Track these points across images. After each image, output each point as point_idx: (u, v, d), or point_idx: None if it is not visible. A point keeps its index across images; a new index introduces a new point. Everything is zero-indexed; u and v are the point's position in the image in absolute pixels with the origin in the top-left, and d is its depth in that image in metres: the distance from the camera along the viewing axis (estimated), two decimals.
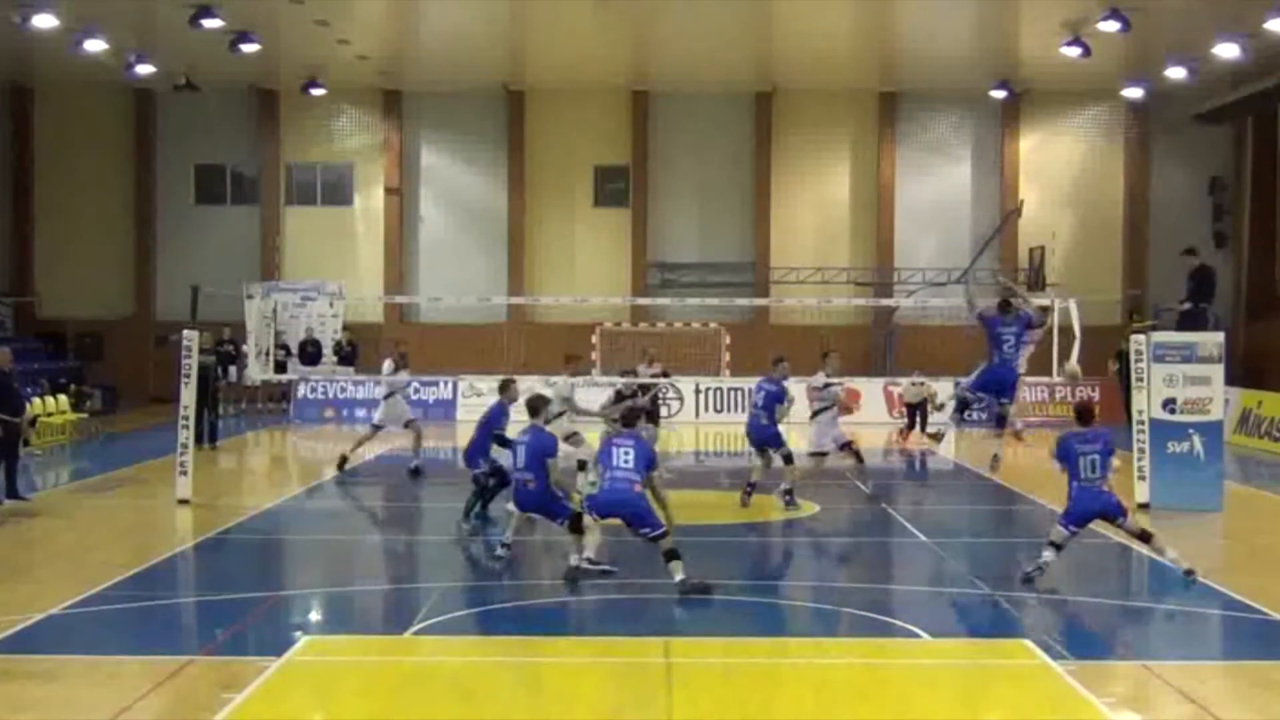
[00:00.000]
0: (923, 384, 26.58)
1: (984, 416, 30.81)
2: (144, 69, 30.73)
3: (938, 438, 18.70)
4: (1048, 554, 12.16)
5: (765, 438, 17.01)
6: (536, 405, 13.26)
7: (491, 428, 15.29)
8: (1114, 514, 12.45)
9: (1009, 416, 15.82)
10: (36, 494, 18.12)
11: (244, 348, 25.30)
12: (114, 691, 8.68)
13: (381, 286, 34.61)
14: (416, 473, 19.56)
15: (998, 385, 15.60)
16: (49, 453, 23.18)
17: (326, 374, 31.49)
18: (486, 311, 33.23)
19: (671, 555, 11.66)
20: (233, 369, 30.08)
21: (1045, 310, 17.00)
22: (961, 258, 34.59)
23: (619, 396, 19.31)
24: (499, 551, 13.15)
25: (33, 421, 20.12)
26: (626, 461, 12.03)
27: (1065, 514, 12.38)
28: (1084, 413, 13.05)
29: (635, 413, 13.25)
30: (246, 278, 32.56)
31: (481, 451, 15.40)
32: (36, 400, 23.88)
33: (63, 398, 25.74)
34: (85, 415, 26.28)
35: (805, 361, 18.86)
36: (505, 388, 15.70)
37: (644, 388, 20.84)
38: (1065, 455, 12.40)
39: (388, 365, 20.19)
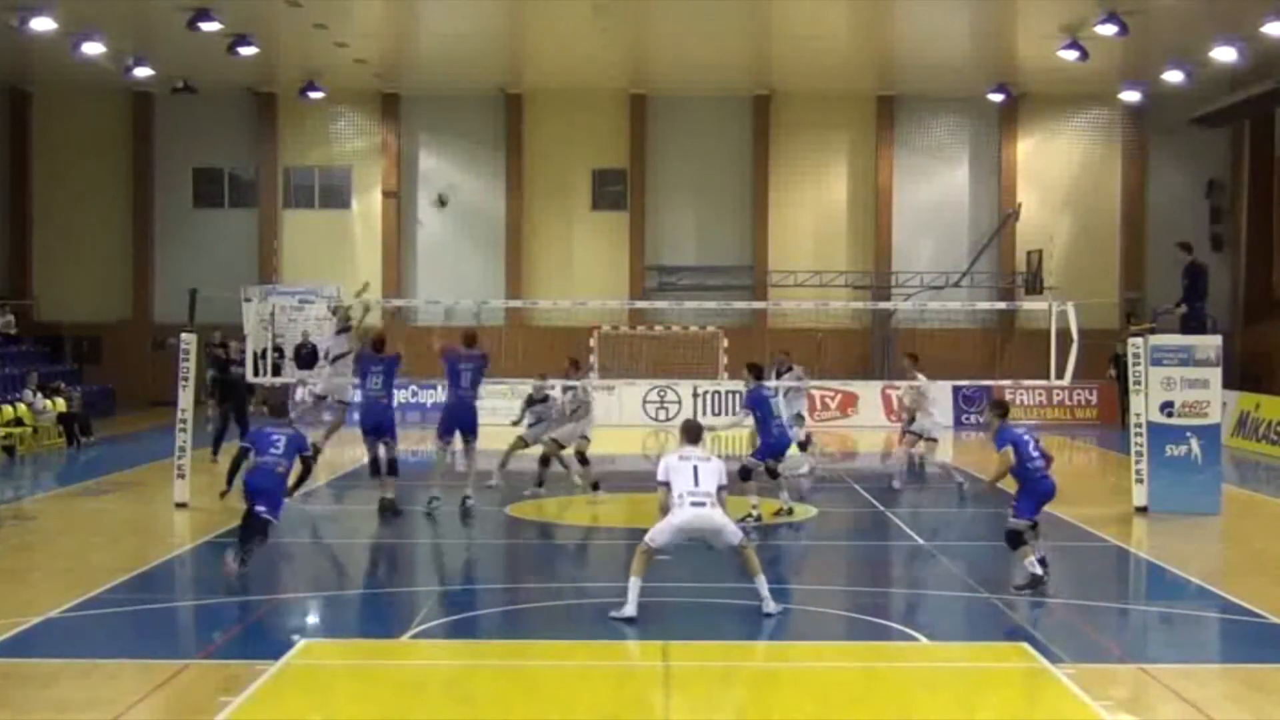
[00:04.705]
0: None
1: (981, 419, 31.06)
2: (142, 72, 30.76)
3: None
4: (1031, 560, 12.02)
5: (786, 445, 16.59)
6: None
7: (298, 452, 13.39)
8: (1052, 495, 12.59)
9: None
10: (33, 497, 18.11)
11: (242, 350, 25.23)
12: (111, 695, 8.67)
13: (379, 289, 34.55)
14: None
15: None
16: (46, 455, 23.18)
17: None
18: (484, 314, 33.21)
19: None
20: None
21: None
22: (959, 261, 34.66)
23: (530, 401, 19.58)
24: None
25: None
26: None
27: (1020, 506, 12.33)
28: (1004, 405, 13.12)
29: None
30: (244, 281, 32.54)
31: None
32: (7, 407, 23.87)
33: (59, 400, 25.70)
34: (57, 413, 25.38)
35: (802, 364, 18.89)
36: (280, 410, 14.90)
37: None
38: (1016, 443, 12.35)
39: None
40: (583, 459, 18.12)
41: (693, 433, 11.70)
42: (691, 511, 11.00)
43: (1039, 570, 11.98)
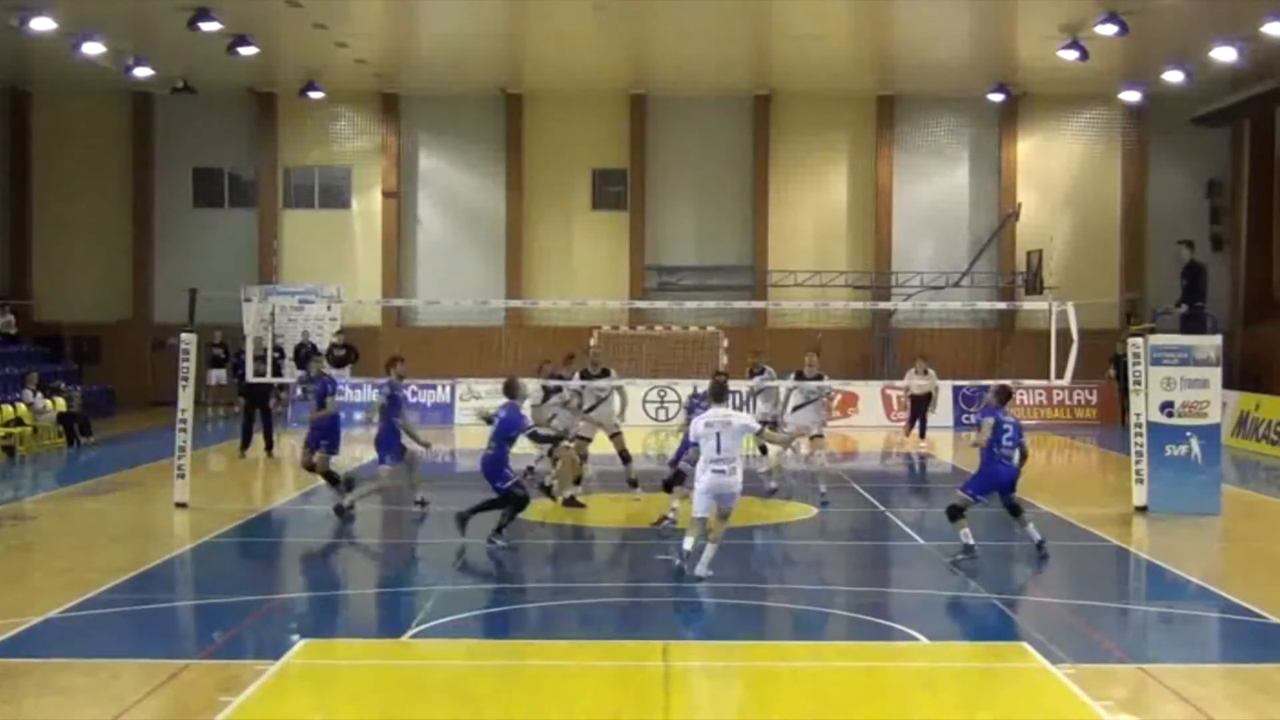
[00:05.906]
0: (928, 373, 26.39)
1: (977, 419, 31.04)
2: (142, 72, 30.73)
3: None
4: (965, 532, 13.37)
5: None
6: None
7: (509, 434, 14.40)
8: (1011, 484, 13.70)
9: None
10: (33, 497, 18.11)
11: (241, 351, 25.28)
12: (112, 695, 8.68)
13: (379, 289, 34.60)
14: None
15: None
16: (46, 455, 23.17)
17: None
18: (484, 314, 33.25)
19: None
20: (217, 372, 30.22)
21: None
22: (959, 261, 34.65)
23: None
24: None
25: None
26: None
27: (972, 484, 13.67)
28: (1007, 393, 14.20)
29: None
30: (244, 281, 32.55)
31: (503, 463, 14.48)
32: (7, 407, 23.86)
33: (59, 400, 25.69)
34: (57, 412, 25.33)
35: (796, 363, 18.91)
36: (511, 389, 14.78)
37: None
38: (996, 420, 13.51)
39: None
40: (625, 456, 17.97)
41: (718, 392, 13.01)
42: (713, 478, 12.49)
43: (971, 540, 13.35)
